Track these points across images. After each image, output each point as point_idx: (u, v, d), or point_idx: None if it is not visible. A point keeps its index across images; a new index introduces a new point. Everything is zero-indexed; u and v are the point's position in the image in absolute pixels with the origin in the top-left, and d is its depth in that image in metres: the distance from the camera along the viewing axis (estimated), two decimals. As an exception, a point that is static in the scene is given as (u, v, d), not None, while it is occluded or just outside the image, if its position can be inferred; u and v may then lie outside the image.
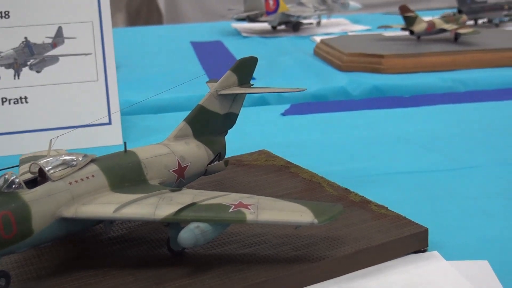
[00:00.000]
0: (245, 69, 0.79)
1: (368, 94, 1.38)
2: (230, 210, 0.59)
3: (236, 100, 0.79)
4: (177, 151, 0.70)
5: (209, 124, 0.75)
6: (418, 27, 1.65)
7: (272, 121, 1.19)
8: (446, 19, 1.71)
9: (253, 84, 0.81)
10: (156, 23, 5.59)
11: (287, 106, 1.28)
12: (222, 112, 0.77)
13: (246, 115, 1.22)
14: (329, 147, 1.02)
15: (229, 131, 0.81)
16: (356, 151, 1.00)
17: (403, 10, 1.63)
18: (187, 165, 0.70)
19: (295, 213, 0.59)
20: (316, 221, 0.58)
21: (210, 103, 0.75)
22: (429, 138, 1.04)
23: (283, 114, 1.21)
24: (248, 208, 0.59)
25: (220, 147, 0.76)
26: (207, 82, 0.84)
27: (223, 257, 0.63)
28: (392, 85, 1.41)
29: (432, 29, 1.67)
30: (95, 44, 1.08)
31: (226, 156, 0.91)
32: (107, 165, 0.63)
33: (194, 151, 0.72)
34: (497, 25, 2.21)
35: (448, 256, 0.65)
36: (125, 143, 0.68)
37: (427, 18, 1.76)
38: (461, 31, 1.63)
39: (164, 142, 0.72)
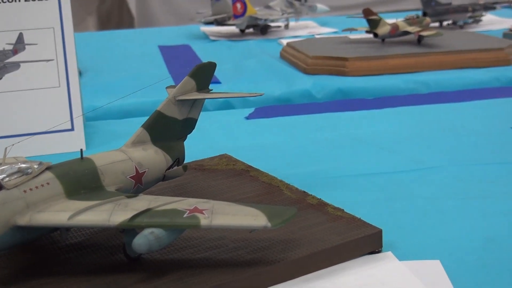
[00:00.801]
0: (203, 75, 0.80)
1: (332, 97, 1.40)
2: (185, 216, 0.60)
3: (195, 105, 0.79)
4: (135, 157, 0.70)
5: (167, 129, 0.76)
6: (382, 30, 1.67)
7: (236, 124, 1.20)
8: (409, 21, 1.73)
9: (212, 90, 0.81)
10: (128, 26, 5.57)
11: (252, 110, 1.28)
12: (180, 117, 0.77)
13: (211, 119, 1.24)
14: (291, 150, 1.03)
15: (193, 135, 0.81)
16: (317, 153, 1.01)
17: (367, 13, 1.65)
18: (145, 171, 0.71)
19: (249, 217, 0.60)
20: (269, 224, 0.59)
21: (168, 109, 0.76)
22: (390, 140, 1.06)
23: (247, 118, 1.22)
24: (203, 213, 0.60)
25: (178, 153, 0.77)
26: (166, 88, 0.85)
27: (180, 261, 0.63)
28: (356, 87, 1.43)
29: (395, 31, 1.69)
30: (56, 50, 1.08)
31: (188, 161, 0.92)
32: (62, 173, 0.64)
33: (152, 157, 0.72)
34: (461, 27, 2.24)
35: (401, 256, 0.67)
36: (81, 150, 0.68)
37: (391, 21, 1.78)
38: (424, 33, 1.66)
39: (122, 149, 0.72)
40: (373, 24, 1.66)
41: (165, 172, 0.74)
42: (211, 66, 0.82)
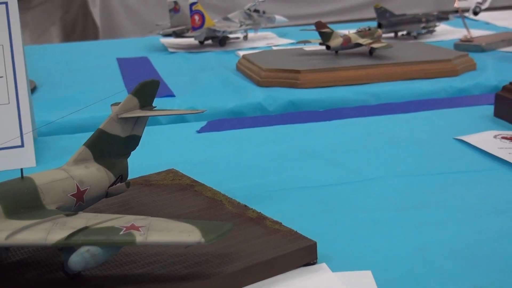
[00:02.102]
0: (146, 92, 0.81)
1: (284, 109, 1.43)
2: (121, 233, 0.61)
3: (138, 122, 0.81)
4: (76, 175, 0.72)
5: (110, 147, 0.77)
6: (334, 42, 1.70)
7: (187, 138, 1.21)
8: (361, 33, 1.77)
9: (155, 107, 0.83)
10: (93, 37, 5.56)
11: (204, 123, 1.30)
12: (123, 135, 0.79)
13: (163, 134, 1.26)
14: (238, 164, 1.05)
15: (144, 150, 0.83)
16: (263, 166, 1.03)
17: (319, 26, 1.68)
18: (87, 189, 0.72)
19: (184, 233, 0.62)
20: (203, 240, 0.61)
21: (110, 127, 0.77)
22: (335, 152, 1.09)
23: (199, 132, 1.24)
24: (139, 230, 0.62)
25: (121, 169, 0.79)
26: (111, 105, 0.86)
27: (119, 277, 0.65)
28: (307, 99, 1.46)
29: (348, 43, 1.73)
30: (5, 67, 1.09)
31: (137, 176, 0.94)
32: (2, 192, 0.65)
33: (94, 175, 0.74)
34: (415, 37, 2.29)
35: (335, 268, 0.69)
36: (21, 169, 0.69)
37: (352, 31, 1.82)
38: (375, 45, 1.70)
39: (63, 167, 0.73)
40: (325, 36, 1.69)
41: (108, 189, 0.76)
42: (155, 83, 0.83)
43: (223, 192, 0.87)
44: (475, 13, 1.97)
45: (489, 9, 4.09)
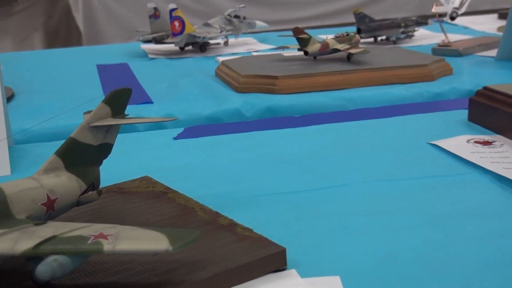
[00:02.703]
0: (118, 100, 0.82)
1: (262, 115, 1.43)
2: (89, 242, 0.62)
3: (110, 131, 0.81)
4: (46, 184, 0.72)
5: (81, 155, 0.78)
6: (312, 48, 1.71)
7: (164, 145, 1.22)
8: (339, 39, 1.78)
9: (127, 115, 0.83)
10: (76, 43, 5.54)
11: (181, 130, 1.31)
12: (95, 143, 0.79)
13: (140, 141, 1.26)
14: (213, 170, 1.06)
15: (119, 157, 0.83)
16: (238, 173, 1.04)
17: (296, 32, 1.69)
18: (57, 198, 0.73)
19: (152, 241, 0.62)
20: (170, 248, 0.61)
21: (82, 135, 0.78)
22: (309, 158, 1.10)
23: (175, 138, 1.24)
24: (107, 239, 0.62)
25: (93, 178, 0.79)
26: (84, 113, 0.86)
27: (89, 286, 0.65)
28: (285, 105, 1.47)
29: (325, 49, 1.74)
30: (-20, 76, 1.09)
31: (111, 183, 0.94)
32: (-30, 202, 0.65)
33: (64, 183, 0.74)
34: (394, 42, 2.31)
35: (304, 273, 0.70)
36: (-11, 179, 0.69)
37: (330, 36, 1.83)
38: (352, 50, 1.71)
39: (33, 176, 0.73)
40: (303, 42, 1.70)
41: (79, 197, 0.76)
42: (127, 91, 0.84)
43: (198, 198, 0.87)
44: (452, 18, 1.99)
45: (467, 13, 4.13)
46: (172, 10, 2.18)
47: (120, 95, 0.83)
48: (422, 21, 2.44)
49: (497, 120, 1.18)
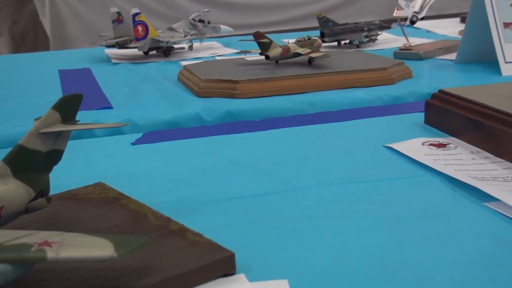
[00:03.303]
0: (69, 106, 0.81)
1: (222, 120, 1.44)
2: (32, 249, 0.61)
3: (60, 137, 0.81)
4: (-7, 192, 0.71)
5: (30, 162, 0.77)
6: (273, 52, 1.72)
7: (121, 151, 1.21)
8: (300, 43, 1.79)
9: (79, 121, 0.83)
10: (43, 48, 5.49)
11: (140, 135, 1.30)
12: (44, 150, 0.78)
13: (97, 146, 1.25)
14: (170, 175, 1.06)
15: (76, 163, 0.82)
16: (195, 178, 1.04)
17: (257, 36, 1.70)
18: (4, 206, 0.72)
19: (97, 248, 0.62)
20: (115, 254, 0.61)
21: (30, 142, 0.77)
22: (267, 162, 1.10)
23: (133, 144, 1.24)
24: (51, 246, 0.62)
25: (42, 185, 0.78)
26: (35, 119, 0.86)
27: (34, 294, 0.65)
28: (245, 109, 1.47)
29: (287, 53, 1.75)
30: None
31: (65, 190, 0.93)
32: None
33: (12, 191, 0.73)
34: (358, 46, 2.33)
35: (253, 278, 0.70)
36: None
37: (292, 40, 1.84)
38: (313, 55, 1.72)
39: (-21, 184, 0.73)
40: (264, 47, 1.71)
41: (28, 204, 0.75)
42: (77, 97, 0.83)
43: (152, 204, 0.87)
44: (412, 22, 2.02)
45: (432, 17, 4.20)
46: (135, 14, 2.17)
47: (71, 101, 0.82)
48: (385, 25, 2.47)
49: (452, 123, 1.19)
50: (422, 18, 2.49)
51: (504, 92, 1.21)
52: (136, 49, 2.26)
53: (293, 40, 1.83)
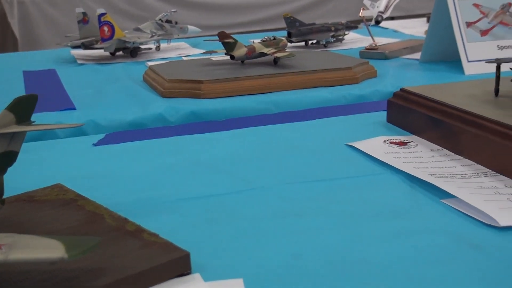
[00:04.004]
0: (23, 107, 0.80)
1: (186, 120, 1.43)
2: (-19, 252, 0.60)
3: (15, 138, 0.80)
4: None
5: (-18, 164, 0.76)
6: (238, 52, 1.72)
7: (83, 152, 1.20)
8: (266, 43, 1.79)
9: (34, 122, 0.82)
10: (12, 49, 5.42)
11: (102, 136, 1.29)
12: (-2, 151, 0.77)
13: (59, 147, 1.24)
14: (131, 176, 1.05)
15: (37, 165, 0.81)
16: (156, 178, 1.03)
17: (222, 36, 1.70)
18: (-46, 208, 0.71)
19: (47, 250, 0.61)
20: (66, 256, 0.60)
21: (-17, 144, 0.76)
22: (229, 162, 1.10)
23: (95, 145, 1.22)
24: (1, 249, 0.61)
25: (-4, 187, 0.77)
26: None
27: (-15, 297, 0.64)
28: (209, 109, 1.47)
29: (252, 53, 1.75)
30: None
31: (22, 192, 0.92)
32: None
33: (-37, 193, 0.72)
34: (325, 46, 2.34)
35: (209, 277, 0.70)
36: None
37: (257, 41, 1.84)
38: (278, 54, 1.72)
39: None
40: (229, 47, 1.71)
41: (-20, 207, 0.74)
42: (32, 98, 0.82)
43: (112, 205, 0.86)
44: (377, 22, 2.03)
45: (400, 17, 4.23)
46: (101, 15, 2.16)
47: (25, 101, 0.81)
48: (352, 25, 2.49)
49: (413, 121, 1.20)
50: (392, 18, 2.52)
51: (464, 91, 1.22)
52: (103, 50, 2.24)
53: (258, 41, 1.83)
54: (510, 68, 1.11)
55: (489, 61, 1.20)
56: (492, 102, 1.13)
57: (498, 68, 1.16)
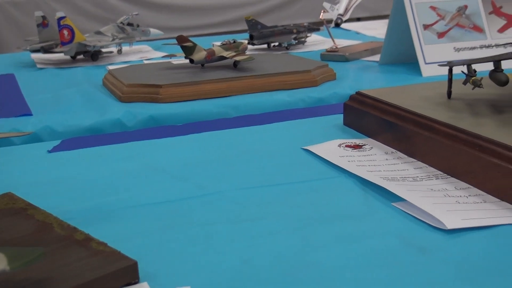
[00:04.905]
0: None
1: (144, 125, 1.42)
2: None
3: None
4: None
5: None
6: (198, 56, 1.72)
7: (38, 159, 1.18)
8: (225, 46, 1.79)
9: (-20, 130, 0.81)
10: (-24, 53, 5.34)
11: (58, 142, 1.28)
12: None
13: (11, 155, 1.22)
14: (86, 183, 1.04)
15: None
16: (110, 185, 1.02)
17: (180, 40, 1.69)
18: None
19: (-11, 262, 0.60)
20: (8, 267, 0.60)
21: None
22: (185, 167, 1.09)
23: (50, 151, 1.21)
24: None
25: None
26: None
27: None
28: (168, 114, 1.46)
29: (212, 57, 1.74)
30: None
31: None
32: None
33: None
34: (287, 48, 2.35)
35: (157, 286, 0.70)
36: None
37: (217, 43, 1.84)
38: (237, 58, 1.72)
39: None
40: (188, 50, 1.70)
41: None
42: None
43: (63, 213, 0.85)
44: (337, 25, 2.05)
45: (366, 18, 4.26)
46: (60, 18, 2.14)
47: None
48: (314, 27, 2.50)
49: (368, 124, 1.21)
50: (358, 19, 2.54)
51: (419, 93, 1.24)
52: (63, 54, 2.22)
53: (218, 44, 1.83)
54: (462, 71, 1.13)
55: (442, 64, 1.22)
56: (445, 105, 1.15)
57: (450, 71, 1.18)
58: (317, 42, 2.52)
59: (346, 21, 2.49)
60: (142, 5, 5.19)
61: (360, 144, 1.17)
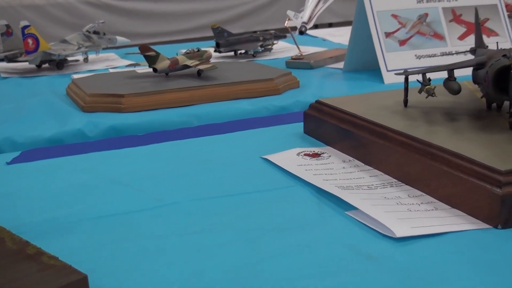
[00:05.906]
0: None
1: (105, 135, 1.42)
2: None
3: None
4: None
5: None
6: (161, 65, 1.72)
7: (-5, 171, 1.18)
8: (190, 55, 1.80)
9: None
10: None
11: (18, 154, 1.27)
12: None
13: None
14: (41, 196, 1.03)
15: None
16: (65, 197, 1.02)
17: (143, 49, 1.69)
18: None
19: None
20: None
21: None
22: (142, 178, 1.09)
23: (9, 163, 1.20)
24: None
25: None
26: None
27: None
28: (130, 124, 1.46)
29: (175, 66, 1.75)
30: None
31: None
32: None
33: None
34: (254, 55, 2.36)
35: (106, 300, 0.70)
36: None
37: (183, 51, 1.85)
38: (201, 66, 1.73)
39: None
40: (151, 60, 1.71)
41: None
42: None
43: (16, 227, 0.85)
44: (301, 32, 2.06)
45: (337, 24, 4.28)
46: (25, 27, 2.12)
47: None
48: (280, 34, 2.52)
49: (327, 132, 1.23)
50: (330, 25, 2.55)
51: (377, 102, 1.26)
52: (27, 63, 2.21)
53: (182, 52, 1.83)
54: (417, 80, 1.15)
55: (398, 73, 1.24)
56: (401, 113, 1.17)
57: (406, 79, 1.20)
58: (283, 49, 2.54)
59: (316, 26, 2.51)
60: (111, 11, 5.16)
61: (318, 153, 1.18)
